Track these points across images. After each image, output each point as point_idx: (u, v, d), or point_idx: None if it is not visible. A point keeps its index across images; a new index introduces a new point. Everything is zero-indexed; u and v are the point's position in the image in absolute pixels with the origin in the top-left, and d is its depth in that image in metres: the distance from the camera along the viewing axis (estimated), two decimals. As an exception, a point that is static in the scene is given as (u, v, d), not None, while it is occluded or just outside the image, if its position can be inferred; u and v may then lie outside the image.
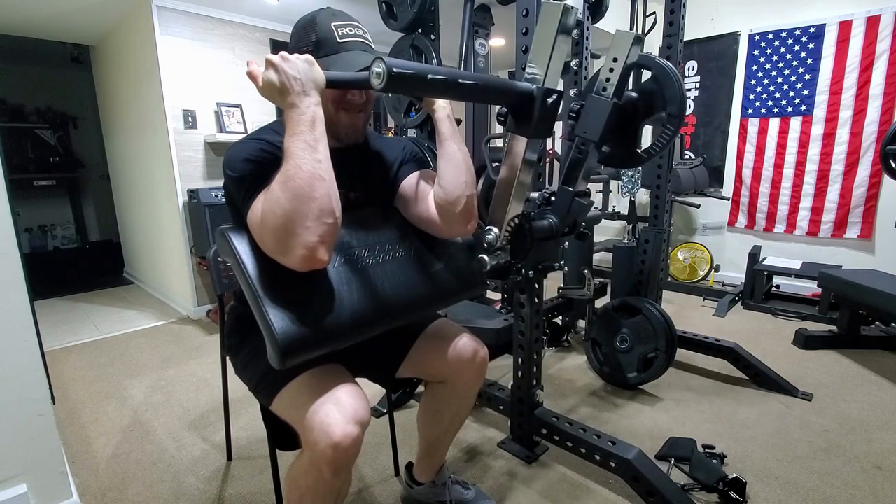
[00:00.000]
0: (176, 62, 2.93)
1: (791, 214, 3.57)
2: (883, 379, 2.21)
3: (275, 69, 0.81)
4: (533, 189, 1.42)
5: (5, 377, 1.24)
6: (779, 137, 3.53)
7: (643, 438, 1.76)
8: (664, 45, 2.24)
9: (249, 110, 3.27)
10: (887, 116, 3.11)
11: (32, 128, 5.15)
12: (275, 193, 0.82)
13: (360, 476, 1.57)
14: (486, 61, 2.60)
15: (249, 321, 0.90)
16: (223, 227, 0.95)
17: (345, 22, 0.97)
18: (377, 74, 0.78)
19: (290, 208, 0.80)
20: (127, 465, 1.66)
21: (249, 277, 0.88)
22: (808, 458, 1.65)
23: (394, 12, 2.08)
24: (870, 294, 2.26)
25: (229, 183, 0.93)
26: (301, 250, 0.81)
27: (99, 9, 2.97)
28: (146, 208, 3.69)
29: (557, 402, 2.04)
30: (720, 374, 2.26)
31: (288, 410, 0.97)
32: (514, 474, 1.59)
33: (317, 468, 0.91)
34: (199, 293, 3.23)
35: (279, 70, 0.81)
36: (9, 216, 1.23)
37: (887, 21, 3.04)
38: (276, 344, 0.83)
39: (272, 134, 1.00)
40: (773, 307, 3.17)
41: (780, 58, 3.46)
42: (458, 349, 1.16)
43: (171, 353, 2.67)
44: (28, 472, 1.30)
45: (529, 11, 1.45)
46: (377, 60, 0.78)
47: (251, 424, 1.89)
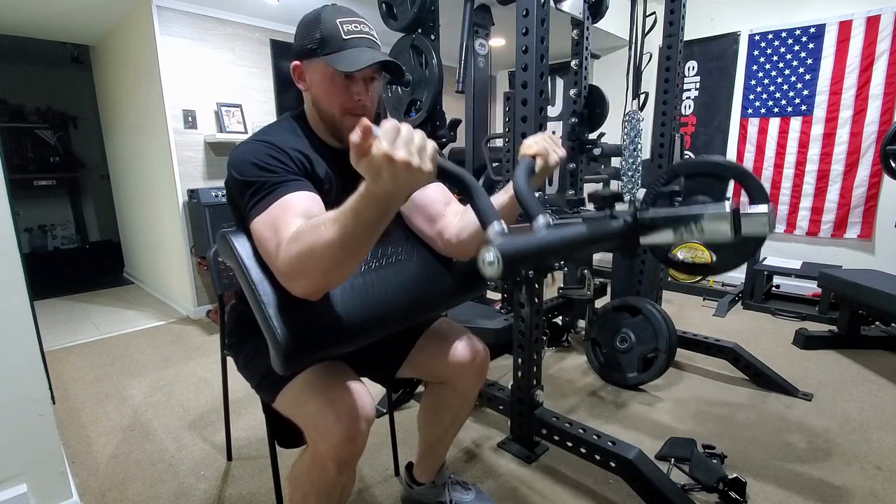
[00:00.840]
0: (176, 62, 2.93)
1: (791, 214, 3.57)
2: (883, 379, 2.21)
3: (406, 148, 0.64)
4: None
5: (5, 377, 1.24)
6: (779, 137, 3.53)
7: (643, 438, 1.76)
8: (664, 45, 2.24)
9: (249, 110, 3.27)
10: (887, 116, 3.11)
11: (32, 128, 5.15)
12: (300, 245, 0.76)
13: (361, 476, 1.57)
14: (486, 61, 2.61)
15: (251, 320, 0.90)
16: (224, 230, 0.95)
17: (350, 18, 0.95)
18: (489, 263, 0.64)
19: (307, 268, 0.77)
20: (127, 465, 1.66)
21: (252, 282, 0.87)
22: (808, 458, 1.65)
23: (394, 12, 2.08)
24: (870, 294, 2.26)
25: (233, 184, 0.92)
26: (298, 291, 0.82)
27: (99, 9, 2.97)
28: (146, 208, 3.69)
29: (557, 402, 2.04)
30: (720, 374, 2.26)
31: (291, 408, 0.97)
32: (514, 474, 1.59)
33: (321, 465, 0.91)
34: (199, 293, 3.23)
35: (410, 153, 0.64)
36: (9, 216, 1.23)
37: (887, 21, 3.04)
38: (281, 350, 0.83)
39: (283, 133, 0.99)
40: (773, 307, 3.17)
41: (780, 58, 3.46)
42: (458, 350, 1.16)
43: (171, 353, 2.67)
44: (28, 472, 1.30)
45: (529, 11, 1.44)
46: (486, 247, 0.65)
47: (251, 424, 1.89)
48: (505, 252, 0.63)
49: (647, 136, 2.70)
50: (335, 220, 0.73)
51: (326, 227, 0.74)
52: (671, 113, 2.25)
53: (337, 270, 0.78)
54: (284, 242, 0.80)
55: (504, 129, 1.67)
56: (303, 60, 0.98)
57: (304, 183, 0.92)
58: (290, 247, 0.79)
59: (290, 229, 0.81)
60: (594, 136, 2.47)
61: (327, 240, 0.73)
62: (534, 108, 1.50)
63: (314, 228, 0.76)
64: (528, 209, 0.78)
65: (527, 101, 1.51)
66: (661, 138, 2.29)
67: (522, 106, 1.52)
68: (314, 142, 1.02)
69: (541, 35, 1.46)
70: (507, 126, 1.62)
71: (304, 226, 0.79)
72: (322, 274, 0.78)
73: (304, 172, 0.95)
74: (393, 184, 0.65)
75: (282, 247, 0.81)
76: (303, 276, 0.79)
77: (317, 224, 0.76)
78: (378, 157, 0.63)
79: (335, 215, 0.73)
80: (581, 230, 0.78)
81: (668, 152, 2.28)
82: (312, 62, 0.96)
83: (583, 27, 2.24)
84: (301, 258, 0.77)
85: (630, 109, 2.28)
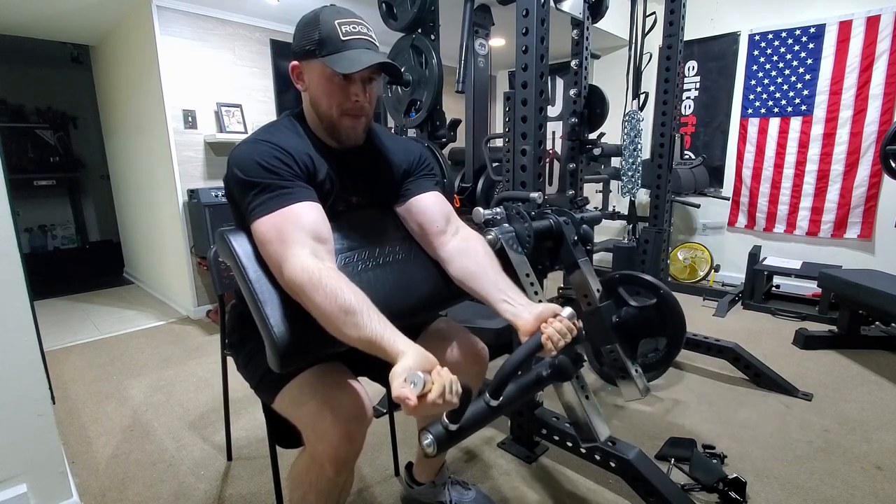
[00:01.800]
0: (176, 62, 2.93)
1: (791, 214, 3.57)
2: (883, 379, 2.21)
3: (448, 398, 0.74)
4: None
5: (5, 377, 1.24)
6: (779, 137, 3.53)
7: (643, 438, 1.76)
8: (664, 45, 2.24)
9: (249, 110, 3.27)
10: (887, 116, 3.11)
11: (32, 128, 5.15)
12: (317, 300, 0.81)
13: (361, 476, 1.57)
14: (486, 61, 2.60)
15: (251, 319, 0.90)
16: (223, 230, 0.95)
17: (348, 19, 0.95)
18: (427, 445, 0.79)
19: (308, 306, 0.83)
20: (127, 465, 1.66)
21: (250, 280, 0.87)
22: (808, 458, 1.65)
23: (394, 12, 2.08)
24: (870, 294, 2.26)
25: (234, 183, 0.92)
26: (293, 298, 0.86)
27: (99, 9, 2.97)
28: (146, 208, 3.69)
29: (557, 402, 2.03)
30: (720, 374, 2.26)
31: (290, 408, 0.97)
32: (514, 474, 1.59)
33: (319, 465, 0.91)
34: (199, 293, 3.23)
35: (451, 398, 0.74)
36: (9, 216, 1.23)
37: (887, 21, 3.04)
38: (276, 349, 0.83)
39: (286, 133, 0.99)
40: (773, 307, 3.17)
41: (780, 58, 3.46)
42: (458, 349, 1.16)
43: (171, 353, 2.67)
44: (28, 472, 1.30)
45: (529, 11, 1.44)
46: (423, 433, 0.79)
47: (251, 424, 1.89)
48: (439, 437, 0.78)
49: (647, 136, 2.70)
50: (357, 326, 0.79)
51: (347, 317, 0.79)
52: (671, 113, 2.25)
53: (330, 332, 0.83)
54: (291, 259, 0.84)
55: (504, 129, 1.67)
56: (301, 61, 0.98)
57: (309, 192, 0.93)
58: (306, 286, 0.82)
59: (297, 245, 0.85)
60: (594, 136, 2.47)
61: (339, 327, 0.80)
62: (534, 108, 1.50)
63: (333, 295, 0.80)
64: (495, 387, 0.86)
65: (527, 101, 1.51)
66: (661, 138, 2.29)
67: (522, 106, 1.52)
68: (314, 142, 1.02)
69: (541, 35, 1.46)
70: (507, 126, 1.62)
71: (332, 284, 0.82)
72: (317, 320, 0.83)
73: (308, 175, 0.96)
74: None
75: (287, 262, 0.84)
76: (300, 301, 0.85)
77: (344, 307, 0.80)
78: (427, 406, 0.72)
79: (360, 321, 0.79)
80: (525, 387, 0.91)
81: (668, 152, 2.29)
82: (311, 63, 0.96)
83: (583, 27, 2.24)
84: (310, 305, 0.82)
85: (630, 109, 2.29)
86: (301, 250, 0.85)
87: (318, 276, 0.81)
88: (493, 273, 1.05)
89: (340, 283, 0.82)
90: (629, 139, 2.29)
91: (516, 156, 1.56)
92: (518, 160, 1.56)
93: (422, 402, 0.71)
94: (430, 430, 0.78)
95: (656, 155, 2.32)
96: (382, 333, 0.78)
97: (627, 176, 2.35)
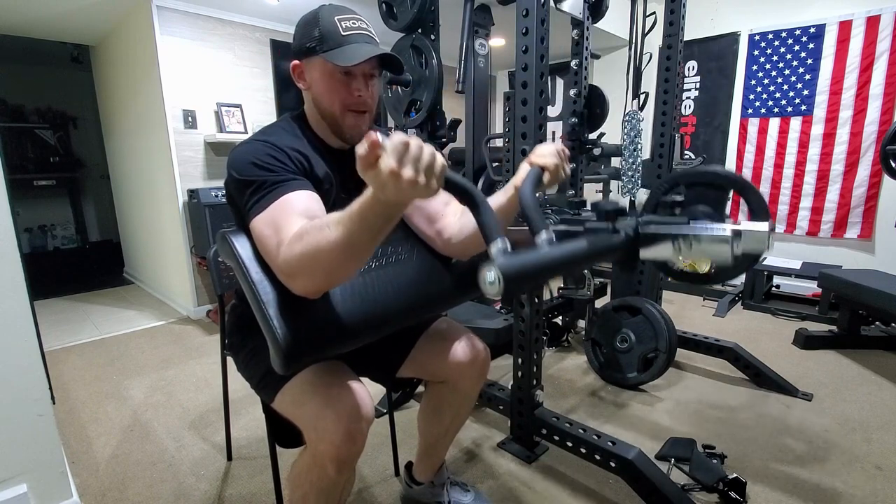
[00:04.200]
0: (176, 62, 2.93)
1: (791, 214, 3.57)
2: (883, 379, 2.21)
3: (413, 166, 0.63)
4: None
5: (5, 377, 1.24)
6: (779, 137, 3.53)
7: (643, 438, 1.76)
8: (664, 45, 2.24)
9: (249, 110, 3.27)
10: (887, 116, 3.11)
11: (32, 128, 5.15)
12: (304, 244, 0.76)
13: (361, 476, 1.57)
14: (486, 61, 2.60)
15: (251, 319, 0.90)
16: (224, 231, 0.95)
17: (348, 15, 0.96)
18: (490, 283, 0.63)
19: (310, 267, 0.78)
20: (127, 466, 1.66)
21: (252, 281, 0.87)
22: (808, 458, 1.65)
23: (394, 12, 2.08)
24: (870, 294, 2.26)
25: (232, 184, 0.92)
26: (299, 289, 0.82)
27: (99, 9, 2.97)
28: (146, 208, 3.69)
29: (557, 402, 2.04)
30: (720, 374, 2.26)
31: (290, 407, 0.97)
32: (514, 474, 1.58)
33: (320, 465, 0.91)
34: (199, 293, 3.23)
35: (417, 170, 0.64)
36: (9, 216, 1.23)
37: (887, 21, 3.04)
38: (281, 350, 0.83)
39: (282, 134, 0.99)
40: (773, 307, 3.17)
41: (780, 58, 3.46)
42: (459, 349, 1.16)
43: (171, 353, 2.67)
44: (28, 472, 1.30)
45: (529, 11, 1.44)
46: (488, 266, 0.63)
47: (251, 424, 1.89)
48: (507, 272, 0.62)
49: (647, 136, 2.70)
50: (339, 221, 0.73)
51: (331, 228, 0.74)
52: (671, 113, 2.25)
53: (339, 271, 0.78)
54: (286, 241, 0.80)
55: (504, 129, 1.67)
56: (302, 59, 0.99)
57: (304, 182, 0.92)
58: (292, 246, 0.78)
59: (290, 228, 0.82)
60: (594, 136, 2.47)
61: (331, 241, 0.73)
62: (534, 108, 1.50)
63: (318, 229, 0.76)
64: (532, 224, 0.78)
65: (527, 101, 1.51)
66: (661, 138, 2.29)
67: (522, 106, 1.52)
68: (314, 142, 1.02)
69: (541, 35, 1.46)
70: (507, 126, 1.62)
71: (308, 225, 0.79)
72: (324, 274, 0.78)
73: (304, 172, 0.95)
74: (397, 196, 0.65)
75: (283, 245, 0.81)
76: (304, 275, 0.80)
77: (321, 225, 0.76)
78: (384, 173, 0.63)
79: (340, 217, 0.73)
80: (582, 246, 0.77)
81: (668, 152, 2.28)
82: (312, 60, 0.97)
83: (583, 27, 2.24)
84: (304, 257, 0.77)
85: (630, 109, 2.28)
86: (293, 229, 0.82)
87: (298, 232, 0.79)
88: None
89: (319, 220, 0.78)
90: (629, 139, 2.29)
91: (516, 156, 1.56)
92: (518, 160, 1.56)
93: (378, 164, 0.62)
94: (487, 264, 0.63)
95: (656, 155, 2.32)
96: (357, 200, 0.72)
97: (627, 176, 2.35)
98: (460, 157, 2.85)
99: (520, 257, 0.66)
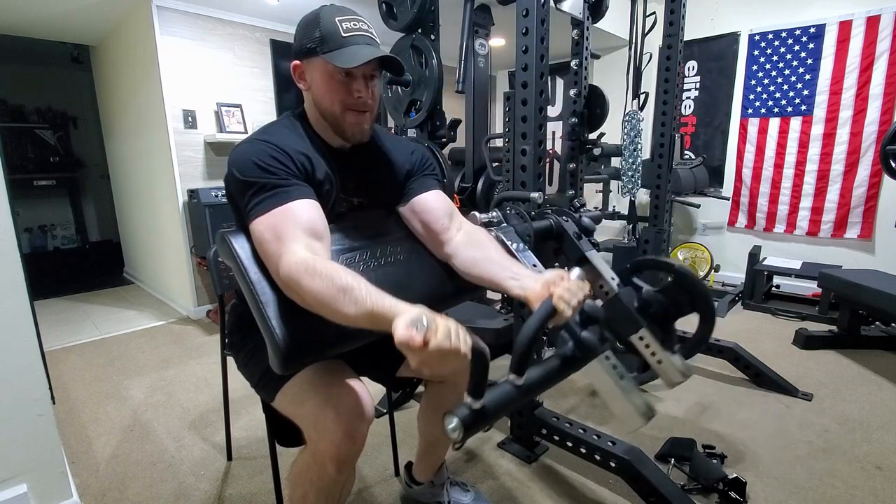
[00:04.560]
0: (176, 62, 2.93)
1: (791, 214, 3.57)
2: (883, 379, 2.21)
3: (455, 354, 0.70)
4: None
5: (5, 377, 1.24)
6: (779, 137, 3.53)
7: (643, 438, 1.76)
8: (664, 45, 2.24)
9: (249, 110, 3.27)
10: (887, 116, 3.11)
11: (32, 128, 5.15)
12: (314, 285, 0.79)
13: (361, 476, 1.57)
14: (486, 61, 2.60)
15: (251, 319, 0.90)
16: (223, 231, 0.95)
17: (349, 17, 0.96)
18: (451, 430, 0.72)
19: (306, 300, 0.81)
20: (127, 466, 1.66)
21: (251, 282, 0.87)
22: (808, 458, 1.65)
23: (394, 12, 2.08)
24: (870, 294, 2.26)
25: (234, 183, 0.92)
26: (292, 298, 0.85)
27: (99, 9, 2.97)
28: (146, 208, 3.69)
29: (557, 402, 2.04)
30: (720, 374, 2.26)
31: (290, 406, 0.97)
32: (514, 474, 1.58)
33: (320, 464, 0.91)
34: (199, 293, 3.22)
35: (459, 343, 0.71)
36: (9, 216, 1.23)
37: (887, 21, 3.04)
38: (279, 350, 0.83)
39: (285, 133, 0.99)
40: (773, 307, 3.17)
41: (780, 58, 3.46)
42: None
43: (171, 353, 2.67)
44: (28, 472, 1.30)
45: (529, 11, 1.45)
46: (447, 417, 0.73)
47: (251, 424, 1.89)
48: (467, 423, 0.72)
49: (647, 136, 2.70)
50: (356, 301, 0.76)
51: (345, 296, 0.77)
52: (671, 113, 2.25)
53: (330, 318, 0.81)
54: (293, 260, 0.82)
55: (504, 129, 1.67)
56: (303, 60, 0.99)
57: (307, 189, 0.93)
58: (302, 276, 0.80)
59: (292, 239, 0.84)
60: (594, 136, 2.47)
61: (339, 307, 0.77)
62: (534, 108, 1.50)
63: (332, 282, 0.78)
64: (516, 362, 0.80)
65: (527, 101, 1.51)
66: (661, 138, 2.29)
67: (522, 106, 1.52)
68: (315, 142, 1.02)
69: (541, 35, 1.46)
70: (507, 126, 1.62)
71: (325, 268, 0.80)
72: (317, 309, 0.81)
73: (306, 174, 0.95)
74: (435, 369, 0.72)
75: (285, 256, 0.83)
76: (299, 299, 0.83)
77: (341, 286, 0.78)
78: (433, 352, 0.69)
79: (358, 297, 0.76)
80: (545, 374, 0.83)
81: (668, 152, 2.29)
82: (312, 61, 0.97)
83: (583, 27, 2.24)
84: (308, 294, 0.80)
85: (630, 109, 2.28)
86: (296, 246, 0.84)
87: (312, 264, 0.81)
88: (498, 256, 1.04)
89: (336, 267, 0.81)
90: (629, 139, 2.29)
91: (516, 156, 1.56)
92: (518, 160, 1.56)
93: (426, 345, 0.67)
94: (454, 412, 0.72)
95: (656, 155, 2.32)
96: (383, 301, 0.76)
97: (627, 176, 2.35)
98: (460, 157, 2.85)
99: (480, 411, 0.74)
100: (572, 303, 0.86)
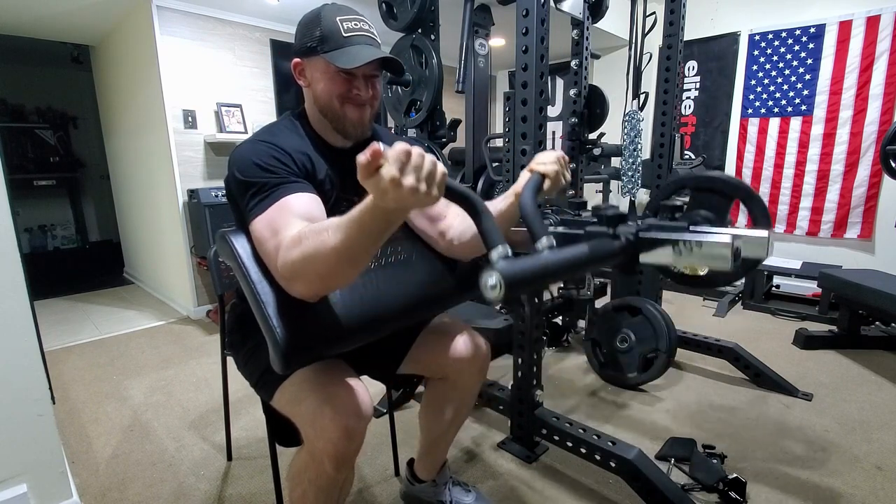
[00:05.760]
0: (176, 62, 2.93)
1: (791, 214, 3.57)
2: (883, 379, 2.21)
3: (415, 174, 0.64)
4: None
5: (5, 377, 1.24)
6: (779, 137, 3.53)
7: (643, 438, 1.76)
8: (664, 45, 2.24)
9: (249, 110, 3.27)
10: (887, 116, 3.11)
11: (32, 128, 5.15)
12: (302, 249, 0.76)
13: (360, 476, 1.57)
14: (486, 61, 2.60)
15: (251, 318, 0.90)
16: (224, 230, 0.95)
17: (350, 16, 0.96)
18: (491, 287, 0.63)
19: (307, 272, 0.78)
20: (127, 466, 1.66)
21: (252, 281, 0.87)
22: (808, 458, 1.65)
23: (394, 12, 2.09)
24: (870, 294, 2.26)
25: (234, 184, 0.92)
26: (296, 293, 0.83)
27: (99, 9, 2.97)
28: (146, 208, 3.69)
29: (557, 402, 2.04)
30: (720, 374, 2.26)
31: (289, 405, 0.97)
32: (514, 474, 1.58)
33: (319, 463, 0.91)
34: (199, 293, 3.23)
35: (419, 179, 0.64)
36: (9, 216, 1.23)
37: (887, 21, 3.04)
38: (280, 350, 0.83)
39: (286, 134, 0.99)
40: (773, 307, 3.17)
41: (780, 58, 3.46)
42: (459, 345, 1.16)
43: (171, 353, 2.67)
44: (28, 472, 1.30)
45: (529, 11, 1.45)
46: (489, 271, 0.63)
47: (251, 424, 1.89)
48: (507, 277, 0.63)
49: (647, 136, 2.70)
50: (339, 227, 0.73)
51: (329, 233, 0.73)
52: (671, 113, 2.25)
53: (336, 277, 0.78)
54: (284, 244, 0.80)
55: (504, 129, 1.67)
56: (303, 58, 0.99)
57: (305, 184, 0.93)
58: (291, 250, 0.78)
59: (289, 231, 0.81)
60: (594, 136, 2.47)
61: (329, 246, 0.73)
62: (534, 108, 1.50)
63: (317, 234, 0.75)
64: (533, 230, 0.79)
65: (527, 101, 1.51)
66: (661, 138, 2.29)
67: (522, 106, 1.52)
68: (315, 142, 1.02)
69: (541, 35, 1.46)
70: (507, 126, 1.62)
71: (306, 230, 0.78)
72: (321, 279, 0.78)
73: (306, 173, 0.96)
74: (398, 204, 0.66)
75: (281, 248, 0.81)
76: (302, 280, 0.80)
77: (319, 230, 0.76)
78: (385, 181, 0.63)
79: (339, 223, 0.73)
80: (582, 251, 0.78)
81: (668, 152, 2.29)
82: (313, 60, 0.97)
83: (583, 27, 2.24)
84: (302, 262, 0.77)
85: (630, 109, 2.29)
86: (291, 231, 0.82)
87: (297, 235, 0.79)
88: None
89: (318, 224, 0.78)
90: (629, 139, 2.29)
91: (516, 156, 1.56)
92: (518, 160, 1.56)
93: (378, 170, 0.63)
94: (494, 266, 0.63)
95: (656, 155, 2.32)
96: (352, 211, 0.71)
97: (627, 176, 2.35)
98: (460, 157, 2.85)
99: (520, 262, 0.66)
100: (554, 167, 0.97)
